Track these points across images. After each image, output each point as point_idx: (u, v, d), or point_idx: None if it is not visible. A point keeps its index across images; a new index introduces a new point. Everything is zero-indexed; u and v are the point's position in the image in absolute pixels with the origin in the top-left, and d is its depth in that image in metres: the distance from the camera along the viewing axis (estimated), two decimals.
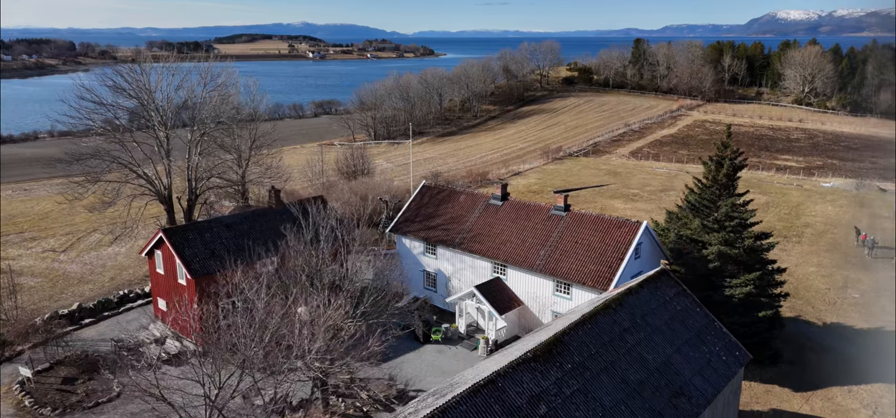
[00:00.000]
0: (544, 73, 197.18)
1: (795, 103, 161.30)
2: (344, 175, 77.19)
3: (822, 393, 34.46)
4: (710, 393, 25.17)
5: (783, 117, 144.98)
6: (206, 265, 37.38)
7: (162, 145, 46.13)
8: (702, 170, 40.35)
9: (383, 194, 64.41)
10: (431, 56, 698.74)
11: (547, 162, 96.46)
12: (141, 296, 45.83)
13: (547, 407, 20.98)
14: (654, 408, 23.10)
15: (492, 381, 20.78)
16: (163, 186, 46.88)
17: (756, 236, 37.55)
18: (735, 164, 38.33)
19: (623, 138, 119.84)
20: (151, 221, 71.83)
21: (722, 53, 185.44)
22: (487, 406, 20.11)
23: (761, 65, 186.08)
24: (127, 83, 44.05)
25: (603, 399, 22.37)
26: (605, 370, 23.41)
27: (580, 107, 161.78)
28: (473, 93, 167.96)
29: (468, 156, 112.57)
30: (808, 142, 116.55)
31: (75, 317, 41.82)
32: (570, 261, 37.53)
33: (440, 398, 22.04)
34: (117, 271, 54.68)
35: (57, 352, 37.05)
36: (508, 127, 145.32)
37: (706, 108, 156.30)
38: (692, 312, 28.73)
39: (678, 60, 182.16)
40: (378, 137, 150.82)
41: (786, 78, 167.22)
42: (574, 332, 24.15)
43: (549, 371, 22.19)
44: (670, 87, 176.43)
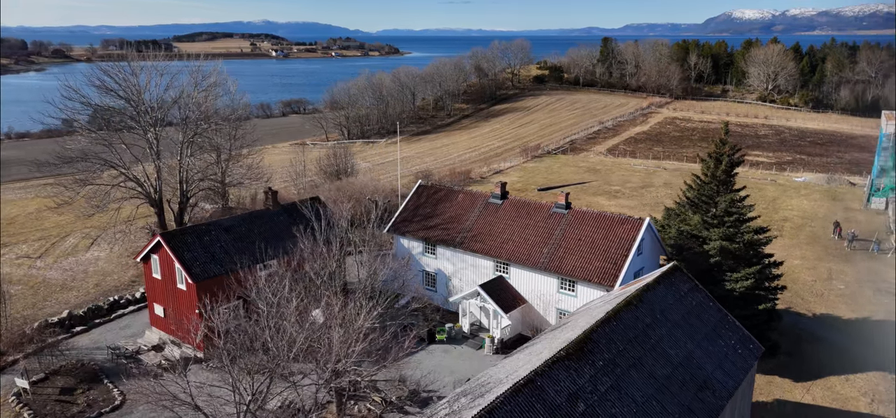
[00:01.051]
0: (515, 71, 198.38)
1: (760, 100, 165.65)
2: (327, 175, 76.36)
3: (822, 383, 35.48)
4: (731, 385, 25.68)
5: (749, 114, 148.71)
6: (208, 269, 36.61)
7: (152, 146, 44.93)
8: (677, 165, 41.01)
9: (372, 194, 63.93)
10: (397, 55, 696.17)
11: (527, 160, 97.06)
12: (132, 301, 44.62)
13: (585, 404, 21.12)
14: (682, 402, 23.47)
15: (531, 381, 20.81)
16: (152, 189, 45.66)
17: (754, 231, 38.43)
18: (733, 160, 39.08)
19: (598, 136, 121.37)
20: (127, 225, 70.06)
21: (688, 52, 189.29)
22: (530, 405, 20.15)
23: (725, 63, 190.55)
24: (117, 84, 42.75)
25: (635, 395, 22.62)
26: (633, 366, 23.68)
27: (552, 106, 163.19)
28: (446, 91, 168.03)
29: (446, 155, 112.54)
30: (775, 139, 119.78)
31: (66, 325, 40.50)
32: (575, 259, 37.84)
33: (477, 398, 22.01)
34: (101, 277, 53.13)
35: (51, 362, 35.85)
36: (483, 125, 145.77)
37: (675, 106, 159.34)
38: (706, 307, 29.26)
39: (646, 59, 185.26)
40: (352, 136, 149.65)
41: (750, 75, 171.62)
42: (601, 329, 24.35)
43: (582, 369, 22.33)
44: (639, 84, 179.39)
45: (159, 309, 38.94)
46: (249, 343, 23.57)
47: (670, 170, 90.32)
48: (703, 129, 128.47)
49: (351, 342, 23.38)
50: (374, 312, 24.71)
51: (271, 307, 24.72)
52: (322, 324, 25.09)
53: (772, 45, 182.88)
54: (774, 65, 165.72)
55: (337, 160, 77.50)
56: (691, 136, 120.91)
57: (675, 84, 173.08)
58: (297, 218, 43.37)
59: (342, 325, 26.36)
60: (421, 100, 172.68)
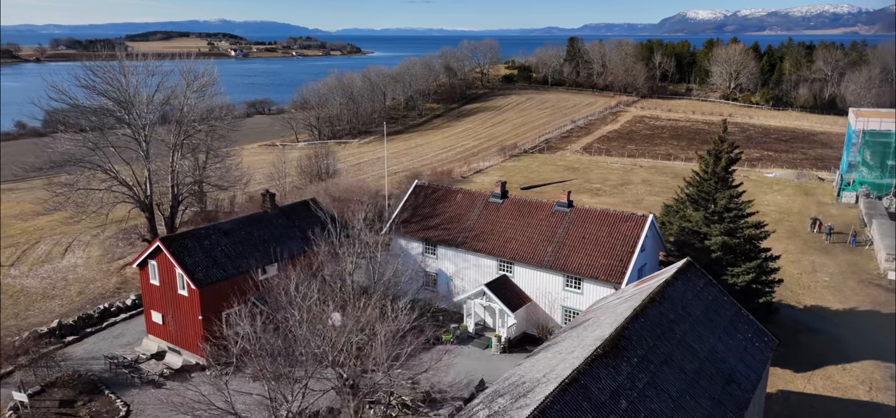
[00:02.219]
0: (484, 71, 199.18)
1: (723, 98, 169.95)
2: (307, 176, 75.31)
3: (821, 373, 36.52)
4: (754, 379, 26.21)
5: (714, 112, 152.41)
6: (210, 274, 35.72)
7: (142, 148, 43.59)
8: (652, 163, 41.86)
9: (358, 195, 63.28)
10: (359, 54, 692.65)
11: (505, 159, 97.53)
12: (123, 309, 43.23)
13: (627, 401, 21.27)
14: (712, 396, 23.85)
15: (575, 379, 20.84)
16: (142, 192, 44.28)
17: (752, 226, 39.38)
18: (731, 157, 39.98)
19: (572, 134, 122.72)
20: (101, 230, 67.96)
21: (652, 51, 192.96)
22: (577, 403, 20.20)
23: (688, 62, 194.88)
24: (108, 85, 41.28)
25: (670, 390, 22.89)
26: (665, 362, 23.95)
27: (523, 105, 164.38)
28: (417, 91, 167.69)
29: (422, 155, 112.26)
30: (741, 136, 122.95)
31: (57, 335, 38.97)
32: (580, 256, 38.13)
33: (520, 398, 21.94)
34: (84, 284, 51.38)
35: (46, 374, 34.45)
36: (455, 125, 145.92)
37: (642, 104, 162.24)
38: (721, 301, 29.81)
39: (611, 58, 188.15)
40: (323, 137, 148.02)
41: (713, 74, 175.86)
42: (631, 326, 24.55)
43: (620, 366, 22.49)
44: (606, 84, 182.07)
45: (157, 316, 37.79)
46: (284, 349, 23.01)
47: (646, 168, 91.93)
48: (671, 128, 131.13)
49: (394, 345, 23.08)
50: (412, 314, 24.44)
51: (301, 312, 24.20)
52: (346, 327, 24.65)
53: (733, 44, 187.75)
54: (736, 64, 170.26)
55: (318, 161, 76.46)
56: (661, 134, 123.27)
57: (641, 83, 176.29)
58: (295, 220, 42.72)
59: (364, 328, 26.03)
60: (391, 99, 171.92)
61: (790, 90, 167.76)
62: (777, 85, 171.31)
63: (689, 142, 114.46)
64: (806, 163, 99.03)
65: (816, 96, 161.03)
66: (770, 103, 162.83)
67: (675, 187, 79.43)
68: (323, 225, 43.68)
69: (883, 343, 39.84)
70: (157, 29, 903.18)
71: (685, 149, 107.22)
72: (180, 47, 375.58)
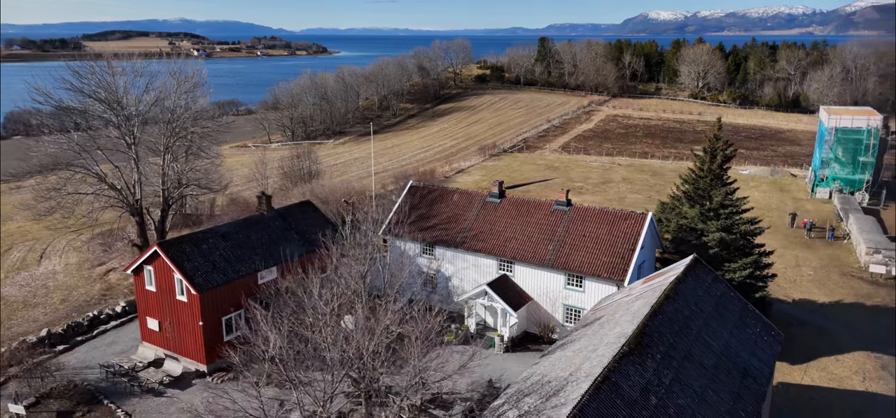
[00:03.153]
0: (457, 71, 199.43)
1: (691, 97, 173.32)
2: (290, 178, 74.35)
3: (816, 364, 37.49)
4: (767, 372, 26.75)
5: (684, 111, 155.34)
6: (210, 278, 34.97)
7: (131, 152, 42.46)
8: (630, 161, 42.53)
9: (346, 196, 62.71)
10: (325, 54, 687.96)
11: (485, 159, 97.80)
12: (114, 316, 42.03)
13: (656, 397, 21.50)
14: (732, 390, 24.26)
15: (607, 377, 20.99)
16: (131, 196, 43.12)
17: (747, 222, 40.23)
18: (726, 154, 40.76)
19: (548, 134, 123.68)
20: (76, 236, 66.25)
21: (622, 51, 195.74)
22: (611, 401, 20.34)
23: (657, 62, 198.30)
24: (98, 87, 40.09)
25: (693, 385, 23.22)
26: (685, 357, 24.28)
27: (497, 105, 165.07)
28: (391, 91, 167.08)
29: (400, 155, 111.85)
30: (712, 134, 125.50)
31: (47, 345, 37.69)
32: (581, 255, 38.41)
33: (551, 397, 21.95)
34: (66, 291, 49.86)
35: (40, 385, 33.27)
36: (431, 124, 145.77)
37: (614, 104, 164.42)
38: (729, 297, 30.37)
39: (582, 58, 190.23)
40: (296, 138, 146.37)
41: (681, 74, 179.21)
42: (651, 323, 24.83)
43: (646, 362, 22.71)
44: (578, 83, 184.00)
45: (153, 322, 36.83)
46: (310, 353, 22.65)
47: (625, 166, 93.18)
48: (644, 127, 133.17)
49: (428, 348, 22.93)
50: (440, 317, 24.29)
51: (323, 317, 23.86)
52: (376, 331, 24.40)
53: (699, 44, 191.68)
54: (703, 64, 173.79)
55: (300, 161, 75.53)
56: (635, 133, 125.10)
57: (611, 82, 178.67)
58: (292, 222, 42.14)
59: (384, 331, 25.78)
60: (364, 99, 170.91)
61: (756, 89, 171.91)
62: (743, 84, 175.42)
63: (664, 141, 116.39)
64: (777, 159, 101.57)
65: (781, 95, 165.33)
66: (737, 102, 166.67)
67: (655, 185, 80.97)
68: (320, 226, 43.29)
69: (871, 334, 41.07)
70: (116, 28, 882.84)
71: (660, 148, 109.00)
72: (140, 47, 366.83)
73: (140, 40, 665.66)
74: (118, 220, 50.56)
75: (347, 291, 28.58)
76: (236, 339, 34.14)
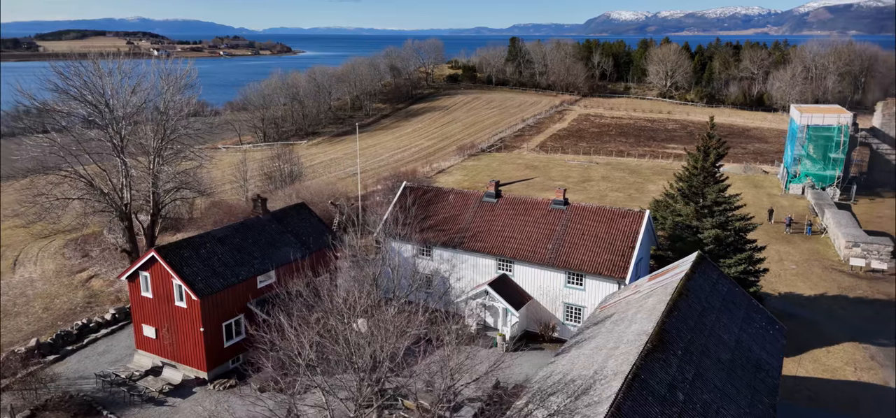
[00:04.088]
0: (429, 71, 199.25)
1: (660, 96, 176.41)
2: (272, 180, 73.26)
3: (809, 356, 38.51)
4: (777, 365, 27.36)
5: (653, 110, 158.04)
6: (210, 284, 34.26)
7: (119, 154, 41.29)
8: (607, 160, 43.15)
9: (332, 198, 62.11)
10: (289, 54, 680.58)
11: (464, 158, 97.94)
12: (104, 324, 40.82)
13: (682, 393, 21.80)
14: (748, 384, 24.75)
15: (636, 374, 21.20)
16: (119, 200, 41.93)
17: (740, 219, 41.13)
18: (719, 152, 41.56)
19: (524, 133, 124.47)
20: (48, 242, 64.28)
21: (591, 51, 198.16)
22: (642, 397, 20.55)
23: (625, 61, 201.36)
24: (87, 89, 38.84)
25: (714, 380, 23.62)
26: (704, 353, 24.69)
27: (470, 105, 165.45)
28: (363, 91, 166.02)
29: (377, 155, 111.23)
30: (683, 132, 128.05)
31: (36, 355, 36.39)
32: (581, 253, 38.74)
33: (581, 395, 22.04)
34: (47, 300, 48.26)
35: (34, 397, 32.10)
36: (405, 125, 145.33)
37: (585, 103, 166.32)
38: (735, 293, 30.96)
39: (552, 58, 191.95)
40: (268, 139, 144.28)
41: (649, 73, 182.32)
42: (668, 320, 25.16)
43: (669, 359, 23.01)
44: (549, 83, 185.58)
45: (150, 330, 35.90)
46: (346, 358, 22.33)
47: (603, 165, 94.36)
48: (617, 125, 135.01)
49: (454, 354, 22.79)
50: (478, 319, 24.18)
51: (349, 319, 23.57)
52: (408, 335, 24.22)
53: (666, 44, 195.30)
54: (671, 63, 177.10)
55: (281, 163, 74.48)
56: (609, 132, 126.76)
57: (581, 82, 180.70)
58: (288, 225, 41.54)
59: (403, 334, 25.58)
60: (336, 100, 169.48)
61: (721, 88, 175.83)
62: (709, 83, 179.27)
63: (637, 139, 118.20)
64: (747, 157, 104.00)
65: (746, 93, 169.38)
66: (704, 100, 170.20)
67: (634, 183, 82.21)
68: (315, 229, 42.79)
69: (857, 325, 42.38)
70: (70, 28, 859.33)
71: (634, 146, 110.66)
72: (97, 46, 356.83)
73: (96, 40, 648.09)
74: (98, 225, 49.00)
75: (371, 293, 28.28)
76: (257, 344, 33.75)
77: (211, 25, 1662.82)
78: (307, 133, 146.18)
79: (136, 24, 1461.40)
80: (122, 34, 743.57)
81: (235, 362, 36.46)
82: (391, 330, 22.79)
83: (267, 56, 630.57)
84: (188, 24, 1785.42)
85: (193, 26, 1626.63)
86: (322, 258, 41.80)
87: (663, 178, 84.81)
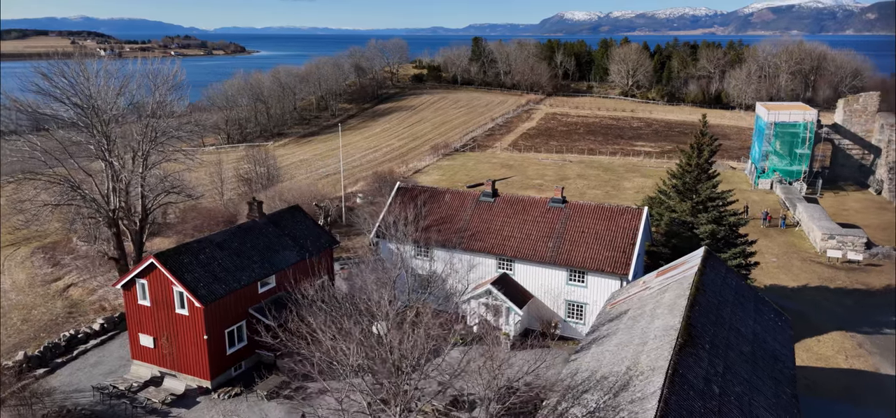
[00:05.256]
0: (394, 70, 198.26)
1: (622, 95, 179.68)
2: (249, 183, 71.69)
3: (800, 345, 39.67)
4: (791, 355, 28.10)
5: (617, 108, 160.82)
6: (213, 290, 33.28)
7: (105, 158, 39.75)
8: (579, 158, 44.01)
9: (318, 200, 61.15)
10: (244, 53, 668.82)
11: (439, 158, 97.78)
12: (92, 334, 39.23)
13: (717, 386, 22.18)
14: (770, 375, 25.36)
15: (675, 369, 21.45)
16: (105, 204, 40.35)
17: (733, 214, 42.14)
18: (711, 149, 42.49)
19: (495, 132, 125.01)
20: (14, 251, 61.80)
21: (553, 51, 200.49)
22: (685, 392, 20.80)
23: (587, 61, 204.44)
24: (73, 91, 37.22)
25: (741, 372, 24.09)
26: (728, 346, 25.16)
27: (437, 104, 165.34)
28: (329, 91, 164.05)
29: (349, 155, 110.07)
30: (648, 130, 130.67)
31: (25, 369, 34.72)
32: (582, 250, 39.07)
33: (620, 391, 22.15)
34: (25, 311, 46.25)
35: (30, 412, 30.60)
36: (373, 125, 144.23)
37: (551, 102, 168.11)
38: (743, 287, 31.69)
39: (516, 58, 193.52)
40: (232, 141, 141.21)
41: (611, 72, 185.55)
42: (692, 314, 25.56)
43: (699, 354, 23.36)
44: (513, 83, 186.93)
45: (147, 339, 34.65)
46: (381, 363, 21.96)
47: (576, 163, 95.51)
48: (584, 124, 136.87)
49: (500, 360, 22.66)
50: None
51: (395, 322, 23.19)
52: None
53: (626, 44, 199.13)
54: (632, 63, 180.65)
55: (257, 165, 72.96)
56: (577, 131, 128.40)
57: (545, 81, 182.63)
58: (284, 228, 40.69)
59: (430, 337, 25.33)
60: (301, 100, 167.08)
61: (681, 87, 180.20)
62: (668, 82, 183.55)
63: (605, 138, 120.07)
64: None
65: (704, 91, 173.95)
66: (665, 99, 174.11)
67: (609, 180, 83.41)
68: (311, 231, 42.02)
69: (841, 315, 43.93)
70: (10, 27, 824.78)
71: (603, 144, 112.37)
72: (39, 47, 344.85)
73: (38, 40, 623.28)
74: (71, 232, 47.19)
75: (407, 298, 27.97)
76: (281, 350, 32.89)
77: (159, 24, 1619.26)
78: (273, 134, 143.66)
79: (79, 24, 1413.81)
80: (66, 33, 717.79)
81: (238, 369, 35.56)
82: (430, 336, 22.54)
83: (221, 56, 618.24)
84: (135, 23, 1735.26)
85: (140, 25, 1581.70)
86: (320, 261, 41.16)
87: (637, 175, 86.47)
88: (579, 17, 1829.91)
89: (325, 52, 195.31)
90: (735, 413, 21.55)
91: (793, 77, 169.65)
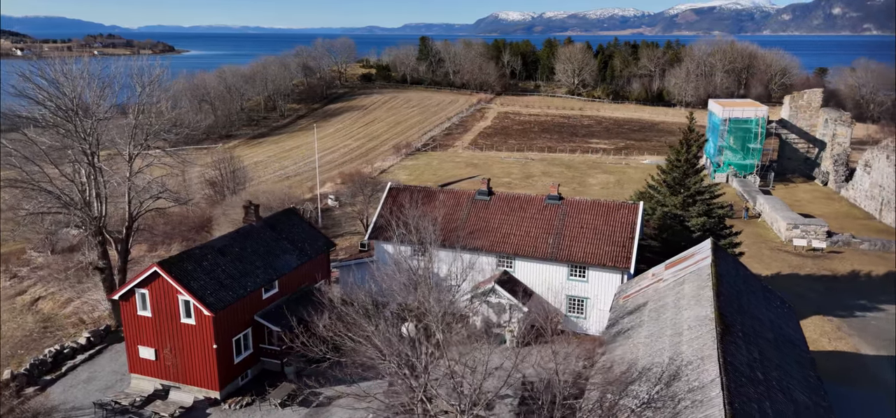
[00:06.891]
0: (342, 70, 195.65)
1: (569, 94, 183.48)
2: (216, 186, 69.31)
3: None
4: (804, 341, 29.47)
5: (566, 107, 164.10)
6: (221, 297, 32.11)
7: (91, 162, 37.64)
8: (541, 156, 45.29)
9: (293, 204, 59.72)
10: (173, 52, 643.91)
11: (403, 158, 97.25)
12: (79, 349, 37.08)
13: (759, 372, 23.03)
14: (793, 359, 26.49)
15: (725, 358, 22.11)
16: (89, 212, 38.21)
17: (720, 207, 43.77)
18: (698, 144, 43.96)
19: (452, 132, 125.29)
20: None
21: (500, 51, 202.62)
22: (738, 379, 21.48)
23: (533, 60, 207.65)
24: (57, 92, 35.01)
25: (773, 358, 25.08)
26: (756, 333, 26.15)
27: (389, 104, 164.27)
28: (277, 91, 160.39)
29: (305, 156, 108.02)
30: (599, 127, 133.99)
31: (14, 389, 32.48)
32: (583, 246, 39.74)
33: (671, 383, 22.63)
34: None
35: None
36: (325, 125, 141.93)
37: (501, 101, 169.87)
38: (750, 277, 32.96)
39: (463, 58, 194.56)
40: (178, 144, 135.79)
41: (558, 72, 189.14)
42: (719, 303, 26.42)
43: (737, 342, 24.17)
44: (463, 82, 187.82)
45: (148, 351, 33.05)
46: None
47: (538, 161, 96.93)
48: (537, 122, 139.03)
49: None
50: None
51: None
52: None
53: (570, 44, 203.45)
54: (578, 62, 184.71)
55: (223, 170, 70.62)
56: (532, 129, 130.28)
57: (494, 81, 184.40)
58: (282, 232, 39.62)
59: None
60: (248, 100, 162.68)
61: (624, 85, 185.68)
62: (612, 80, 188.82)
63: (560, 136, 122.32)
64: (663, 149, 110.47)
65: (647, 89, 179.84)
66: (610, 97, 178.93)
67: (573, 177, 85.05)
68: (308, 234, 41.06)
69: (816, 300, 46.30)
70: None
71: (559, 142, 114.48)
72: None
73: None
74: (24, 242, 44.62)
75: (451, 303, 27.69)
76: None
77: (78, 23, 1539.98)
78: (221, 136, 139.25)
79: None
80: None
81: (244, 378, 34.41)
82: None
83: (149, 55, 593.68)
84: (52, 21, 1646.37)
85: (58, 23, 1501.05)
86: (319, 263, 40.35)
87: (599, 171, 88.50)
88: (514, 17, 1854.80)
89: (259, 51, 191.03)
90: (780, 396, 22.44)
91: (727, 75, 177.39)
